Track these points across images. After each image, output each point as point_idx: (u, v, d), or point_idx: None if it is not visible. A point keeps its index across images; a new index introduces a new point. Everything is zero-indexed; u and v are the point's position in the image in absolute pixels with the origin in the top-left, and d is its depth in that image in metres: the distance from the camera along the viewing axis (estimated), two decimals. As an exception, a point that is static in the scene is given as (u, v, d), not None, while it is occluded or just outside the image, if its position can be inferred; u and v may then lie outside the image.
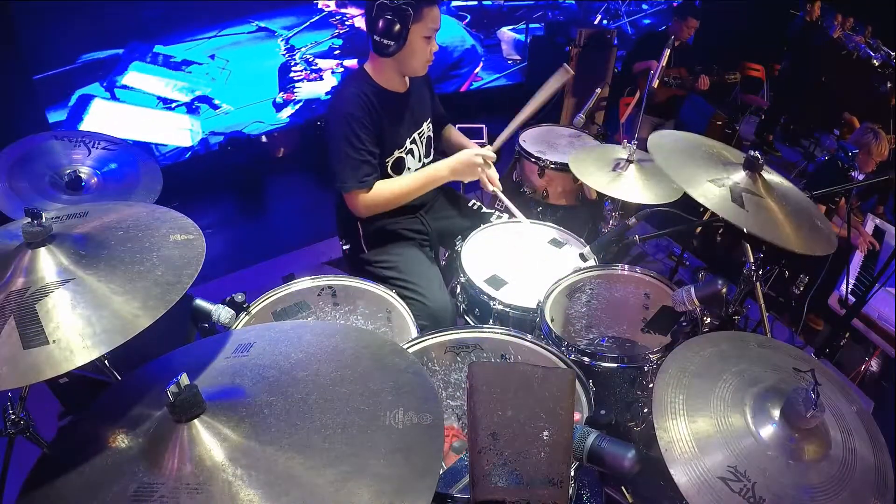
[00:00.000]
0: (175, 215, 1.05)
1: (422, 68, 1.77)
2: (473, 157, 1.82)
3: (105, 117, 3.57)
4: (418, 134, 1.91)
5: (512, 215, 2.00)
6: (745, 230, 1.35)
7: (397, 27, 1.62)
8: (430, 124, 1.99)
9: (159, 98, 3.78)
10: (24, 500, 0.72)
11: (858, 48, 4.44)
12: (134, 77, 3.64)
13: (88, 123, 3.50)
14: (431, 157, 2.02)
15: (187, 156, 4.06)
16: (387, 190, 1.79)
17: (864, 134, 3.11)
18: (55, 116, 3.41)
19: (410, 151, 1.89)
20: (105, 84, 3.54)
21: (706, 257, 3.25)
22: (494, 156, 1.88)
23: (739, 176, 1.41)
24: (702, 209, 1.39)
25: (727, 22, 5.79)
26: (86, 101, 3.51)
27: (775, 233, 1.30)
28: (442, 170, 1.83)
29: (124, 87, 3.61)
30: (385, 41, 1.66)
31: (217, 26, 3.91)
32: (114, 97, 3.59)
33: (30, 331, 0.77)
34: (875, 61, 4.33)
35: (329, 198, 2.01)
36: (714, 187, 1.36)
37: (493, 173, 1.98)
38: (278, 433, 0.74)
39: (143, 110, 3.73)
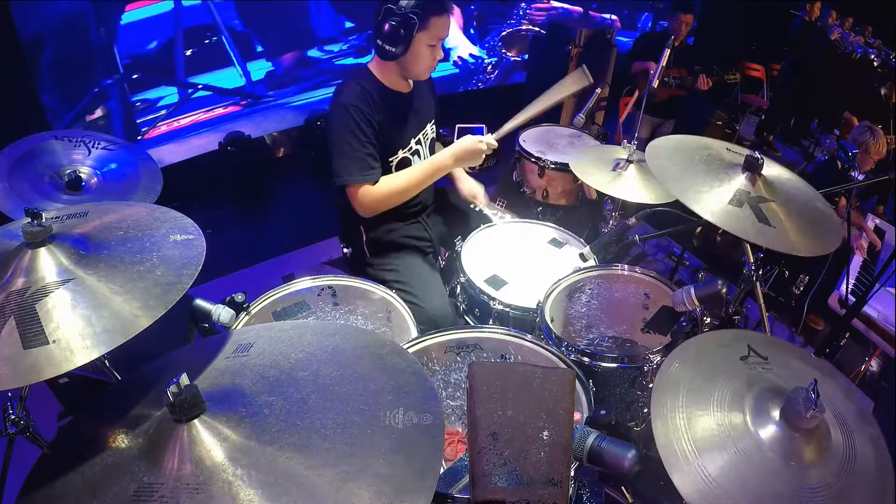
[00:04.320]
0: (175, 215, 1.05)
1: (424, 74, 1.76)
2: (477, 144, 1.76)
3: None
4: (422, 135, 1.90)
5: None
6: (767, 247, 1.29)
7: (402, 33, 1.61)
8: (434, 126, 1.98)
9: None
10: (24, 500, 0.72)
11: (856, 49, 4.44)
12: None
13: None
14: None
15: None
16: (390, 185, 1.74)
17: (862, 133, 3.12)
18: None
19: (416, 153, 1.88)
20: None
21: (706, 257, 3.26)
22: (496, 144, 1.82)
23: (741, 181, 1.37)
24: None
25: (727, 22, 5.80)
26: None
27: (785, 241, 1.28)
28: (445, 158, 1.77)
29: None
30: (388, 46, 1.64)
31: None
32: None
33: (30, 331, 0.77)
34: (875, 61, 4.33)
35: (329, 197, 2.01)
36: (734, 209, 1.30)
37: (479, 189, 2.05)
38: (278, 433, 0.74)
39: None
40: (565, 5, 5.58)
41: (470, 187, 2.12)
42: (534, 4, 5.47)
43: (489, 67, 5.57)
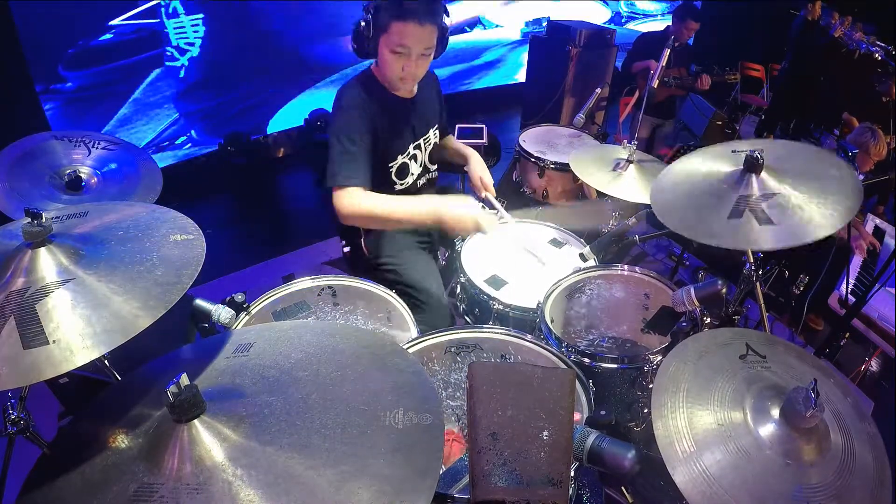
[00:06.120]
0: (175, 215, 1.05)
1: (397, 82, 1.68)
2: (475, 214, 1.60)
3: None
4: (423, 140, 1.88)
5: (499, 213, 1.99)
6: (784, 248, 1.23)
7: (365, 34, 1.61)
8: (437, 132, 1.97)
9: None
10: (24, 500, 0.72)
11: (860, 46, 4.42)
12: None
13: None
14: (436, 165, 2.01)
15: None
16: (368, 203, 1.61)
17: (863, 133, 3.11)
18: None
19: (413, 157, 1.86)
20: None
21: (706, 257, 3.25)
22: (495, 223, 1.68)
23: (742, 187, 1.32)
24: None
25: (727, 22, 5.80)
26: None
27: (791, 233, 1.22)
28: (429, 212, 1.62)
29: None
30: (354, 44, 1.65)
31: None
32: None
33: (30, 331, 0.77)
34: (877, 57, 4.31)
35: (329, 198, 2.01)
36: (736, 221, 1.26)
37: (488, 178, 1.99)
38: (278, 433, 0.74)
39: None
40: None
41: (482, 175, 2.01)
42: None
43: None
